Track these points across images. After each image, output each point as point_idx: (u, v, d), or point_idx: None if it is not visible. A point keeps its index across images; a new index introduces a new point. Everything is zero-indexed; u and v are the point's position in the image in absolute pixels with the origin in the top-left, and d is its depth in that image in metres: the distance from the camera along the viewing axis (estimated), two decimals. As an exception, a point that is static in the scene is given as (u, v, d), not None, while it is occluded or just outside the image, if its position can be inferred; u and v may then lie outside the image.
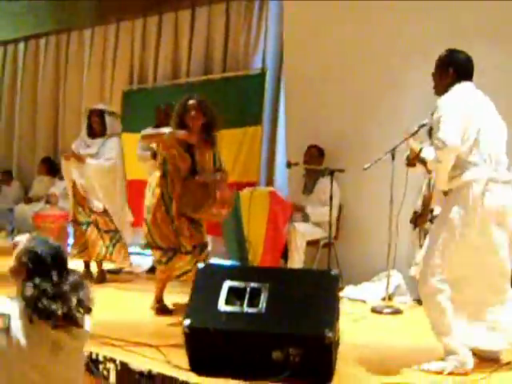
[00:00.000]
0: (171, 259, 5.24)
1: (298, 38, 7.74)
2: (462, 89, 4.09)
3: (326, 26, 7.38)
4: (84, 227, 6.92)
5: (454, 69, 4.11)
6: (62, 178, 10.25)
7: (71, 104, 11.01)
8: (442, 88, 4.13)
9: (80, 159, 6.88)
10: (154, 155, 7.39)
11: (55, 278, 2.66)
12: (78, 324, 2.70)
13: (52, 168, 10.77)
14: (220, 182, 5.35)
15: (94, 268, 7.12)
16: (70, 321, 2.68)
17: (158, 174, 5.39)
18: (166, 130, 5.30)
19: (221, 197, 5.24)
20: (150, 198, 5.34)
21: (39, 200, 10.27)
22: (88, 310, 2.79)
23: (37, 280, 2.68)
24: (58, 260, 2.73)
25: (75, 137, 9.98)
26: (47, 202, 9.76)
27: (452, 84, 4.09)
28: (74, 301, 2.68)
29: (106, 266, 7.21)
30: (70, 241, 8.79)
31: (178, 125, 5.26)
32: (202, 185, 5.24)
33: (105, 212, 6.89)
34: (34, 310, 2.64)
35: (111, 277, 7.30)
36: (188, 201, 5.18)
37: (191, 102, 5.29)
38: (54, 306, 2.62)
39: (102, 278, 7.07)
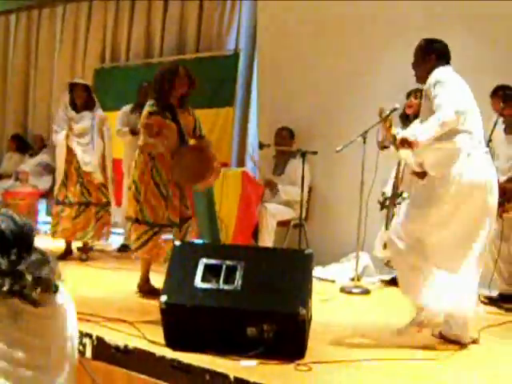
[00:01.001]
0: (156, 234, 5.24)
1: (271, 19, 7.79)
2: (447, 69, 4.22)
3: (300, 8, 7.43)
4: (69, 208, 6.93)
5: (435, 55, 4.27)
6: (32, 155, 10.25)
7: (42, 81, 10.94)
8: (424, 74, 4.25)
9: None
10: (132, 132, 7.44)
11: (13, 256, 2.50)
12: (34, 303, 2.55)
13: (22, 145, 10.70)
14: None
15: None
16: (20, 299, 2.53)
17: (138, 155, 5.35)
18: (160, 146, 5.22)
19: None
20: (136, 173, 5.31)
21: (9, 177, 10.20)
22: (48, 288, 2.61)
23: None
24: (21, 238, 2.57)
25: (45, 114, 10.01)
26: (17, 179, 9.73)
27: (434, 68, 4.21)
28: (29, 279, 2.51)
29: (78, 244, 7.23)
30: (41, 218, 8.84)
31: (159, 89, 5.25)
32: (198, 153, 5.24)
33: (103, 185, 6.99)
34: None
35: (80, 254, 7.33)
36: (186, 170, 5.14)
37: (182, 69, 5.34)
38: (6, 285, 2.46)
39: (85, 256, 7.14)
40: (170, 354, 3.65)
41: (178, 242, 4.09)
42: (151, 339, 3.86)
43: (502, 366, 3.90)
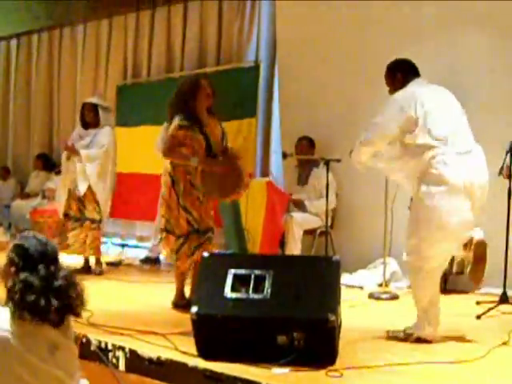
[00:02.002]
0: (183, 245, 5.29)
1: (290, 29, 7.83)
2: (408, 86, 4.54)
3: (318, 18, 7.47)
4: (72, 222, 7.05)
5: (401, 74, 4.65)
6: (58, 173, 10.35)
7: (65, 100, 11.06)
8: (394, 90, 4.64)
9: (74, 152, 7.01)
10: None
11: (42, 272, 2.51)
12: (79, 315, 2.66)
13: (48, 163, 10.83)
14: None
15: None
16: (68, 314, 2.61)
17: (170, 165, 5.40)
18: (193, 160, 5.23)
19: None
20: (174, 189, 5.35)
21: (36, 195, 10.34)
22: (75, 310, 2.68)
23: (23, 275, 2.52)
24: (47, 255, 2.59)
25: (70, 132, 10.12)
26: (44, 197, 9.86)
27: (403, 85, 4.58)
28: (73, 294, 2.62)
29: (106, 258, 7.33)
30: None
31: (184, 104, 5.29)
32: (228, 166, 5.26)
33: (94, 199, 7.04)
34: (22, 306, 2.48)
35: (110, 269, 7.42)
36: (217, 183, 5.18)
37: (204, 80, 5.39)
38: (42, 301, 2.48)
39: (99, 270, 7.21)
40: (202, 364, 3.69)
41: (206, 254, 4.14)
42: (183, 350, 3.91)
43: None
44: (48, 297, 2.50)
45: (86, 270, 7.16)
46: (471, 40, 6.46)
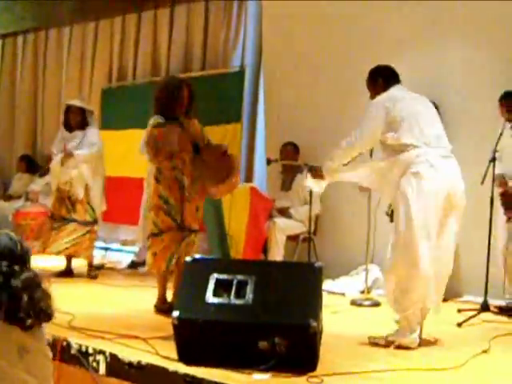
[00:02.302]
0: (163, 239, 5.23)
1: (276, 35, 7.85)
2: (387, 93, 4.66)
3: (304, 24, 7.50)
4: (59, 224, 7.02)
5: (382, 79, 4.78)
6: (41, 175, 10.30)
7: (50, 101, 11.02)
8: (376, 95, 4.75)
9: (70, 155, 6.98)
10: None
11: (4, 269, 2.45)
12: (25, 325, 2.46)
13: (31, 165, 10.78)
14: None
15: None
16: (13, 318, 2.46)
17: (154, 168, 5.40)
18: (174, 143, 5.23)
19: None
20: (159, 188, 5.32)
21: (19, 197, 10.27)
22: (38, 315, 2.51)
23: None
24: (14, 253, 2.53)
25: (54, 134, 10.08)
26: (27, 199, 9.79)
27: (384, 90, 4.70)
28: (25, 298, 2.45)
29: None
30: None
31: (165, 105, 5.31)
32: (217, 156, 5.27)
33: (87, 201, 7.01)
34: None
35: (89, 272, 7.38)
36: (210, 173, 5.18)
37: (183, 82, 5.46)
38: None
39: (94, 273, 7.19)
40: (183, 369, 3.68)
41: (189, 258, 4.13)
42: (164, 355, 3.90)
43: (513, 375, 3.93)
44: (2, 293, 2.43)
45: (68, 272, 7.14)
46: (452, 50, 6.53)
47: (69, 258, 7.19)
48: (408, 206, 4.32)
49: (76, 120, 7.12)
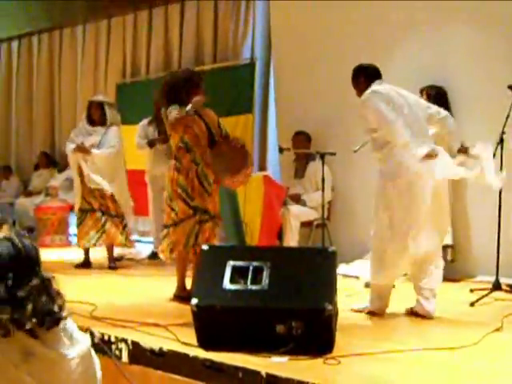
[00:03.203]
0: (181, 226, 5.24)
1: (285, 26, 7.81)
2: (372, 87, 4.88)
3: (313, 14, 7.45)
4: (91, 214, 7.04)
5: (363, 77, 5.01)
6: (60, 171, 10.36)
7: (66, 99, 11.06)
8: (360, 93, 4.98)
9: (86, 151, 7.00)
10: (150, 144, 7.55)
11: (10, 281, 2.25)
12: (33, 335, 2.29)
13: (50, 161, 10.85)
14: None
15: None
16: (21, 329, 2.27)
17: (173, 160, 5.37)
18: (187, 108, 5.18)
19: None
20: (179, 177, 5.30)
21: (39, 193, 10.34)
22: (42, 321, 2.31)
23: None
24: (19, 261, 2.32)
25: (71, 131, 10.14)
26: (47, 194, 9.84)
27: (367, 86, 4.91)
28: (29, 308, 2.27)
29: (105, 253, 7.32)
30: (72, 230, 8.92)
31: (179, 98, 5.25)
32: (233, 147, 5.30)
33: (112, 197, 7.02)
34: None
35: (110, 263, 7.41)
36: (226, 164, 5.20)
37: (195, 74, 5.45)
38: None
39: (114, 264, 7.23)
40: (202, 354, 3.69)
41: (205, 246, 4.14)
42: (184, 341, 3.91)
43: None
44: (5, 308, 2.23)
45: (86, 264, 7.17)
46: (458, 33, 6.47)
47: (87, 250, 7.21)
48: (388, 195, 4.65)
49: (97, 115, 7.16)
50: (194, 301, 3.79)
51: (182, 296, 5.34)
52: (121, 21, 10.28)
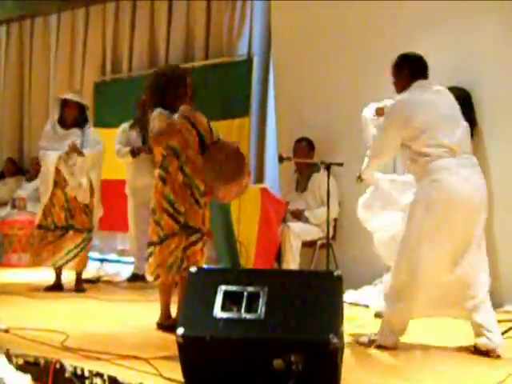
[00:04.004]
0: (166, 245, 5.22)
1: (287, 19, 7.84)
2: (412, 90, 4.79)
3: (317, 7, 7.48)
4: (51, 232, 7.06)
5: (408, 70, 4.87)
6: (29, 180, 10.34)
7: (37, 98, 11.08)
8: (401, 89, 4.89)
9: (79, 152, 7.03)
10: (134, 153, 7.56)
11: None
12: None
13: (17, 169, 10.84)
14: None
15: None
16: None
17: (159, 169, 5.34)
18: (176, 120, 5.17)
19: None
20: (165, 189, 5.26)
21: (5, 204, 10.31)
22: None
23: None
24: None
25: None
26: (13, 206, 9.82)
27: (409, 84, 4.82)
28: None
29: (84, 274, 7.32)
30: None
31: (162, 96, 5.26)
32: (225, 149, 5.27)
33: (87, 206, 7.04)
34: None
35: (88, 287, 7.40)
36: (217, 171, 5.16)
37: (183, 70, 5.44)
38: None
39: (82, 287, 7.22)
40: (189, 392, 3.68)
41: (193, 269, 4.13)
42: (168, 376, 3.89)
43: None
44: None
45: (58, 286, 7.17)
46: (483, 30, 6.50)
47: (59, 271, 7.21)
48: (422, 215, 4.52)
49: (73, 116, 7.15)
50: (180, 330, 3.78)
51: (166, 325, 5.31)
52: (100, 9, 10.33)
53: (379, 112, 5.41)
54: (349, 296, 6.49)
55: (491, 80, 6.43)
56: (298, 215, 7.22)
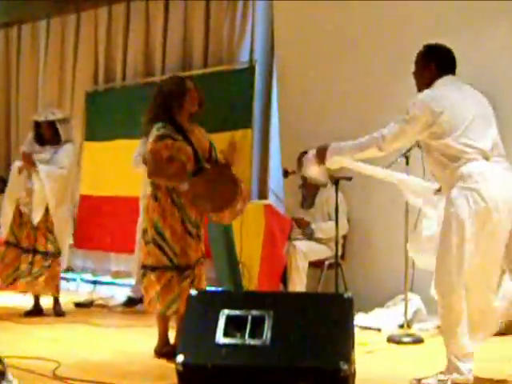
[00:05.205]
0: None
1: (290, 24, 7.85)
2: (435, 91, 4.57)
3: (324, 12, 7.49)
4: (18, 251, 7.10)
5: (435, 64, 4.66)
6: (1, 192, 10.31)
7: (25, 109, 11.02)
8: (424, 84, 4.67)
9: (30, 163, 7.06)
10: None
11: None
12: None
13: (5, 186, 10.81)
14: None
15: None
16: None
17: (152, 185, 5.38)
18: (183, 185, 5.19)
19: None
20: (154, 212, 5.30)
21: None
22: None
23: None
24: None
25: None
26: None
27: (434, 79, 4.62)
28: None
29: (75, 298, 7.32)
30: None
31: (164, 110, 5.31)
32: (221, 176, 5.29)
33: (47, 229, 7.06)
34: None
35: (80, 311, 7.40)
36: (211, 197, 5.19)
37: (190, 82, 5.44)
38: None
39: (61, 309, 7.25)
40: (190, 423, 3.69)
41: (194, 292, 4.14)
42: (167, 407, 3.92)
43: None
44: None
45: (38, 311, 7.18)
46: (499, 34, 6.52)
47: (36, 295, 7.23)
48: (463, 228, 4.32)
49: (48, 135, 7.23)
50: (180, 358, 3.78)
51: (164, 352, 5.33)
52: (92, 15, 10.33)
53: None
54: (359, 319, 6.48)
55: (509, 86, 6.44)
56: (304, 226, 7.20)
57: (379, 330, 6.41)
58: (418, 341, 6.01)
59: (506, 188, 4.40)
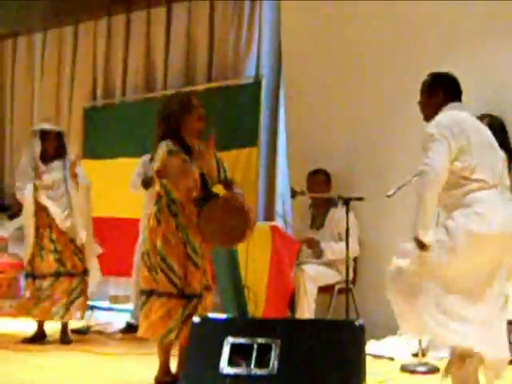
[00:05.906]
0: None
1: (299, 37, 7.86)
2: (448, 114, 4.62)
3: (332, 25, 7.51)
4: (42, 280, 7.06)
5: (442, 91, 4.76)
6: (11, 217, 10.35)
7: (20, 126, 11.08)
8: (432, 112, 4.72)
9: (75, 175, 7.11)
10: (146, 184, 7.57)
11: None
12: None
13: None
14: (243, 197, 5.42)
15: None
16: None
17: (155, 206, 5.39)
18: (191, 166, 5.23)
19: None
20: (157, 236, 5.30)
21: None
22: None
23: None
24: None
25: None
26: (-7, 247, 9.85)
27: (442, 105, 4.70)
28: None
29: (72, 324, 7.32)
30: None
31: (169, 128, 5.33)
32: (229, 205, 5.29)
33: (80, 249, 7.12)
34: None
35: (76, 338, 7.39)
36: (221, 230, 5.20)
37: (195, 100, 5.45)
38: None
39: (68, 337, 7.21)
40: None
41: (197, 319, 4.14)
42: None
43: None
44: None
45: (41, 337, 7.16)
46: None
47: (41, 321, 7.21)
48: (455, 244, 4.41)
49: (53, 147, 7.19)
50: (183, 389, 3.79)
51: (165, 382, 5.32)
52: (91, 27, 10.37)
53: None
54: (371, 347, 6.46)
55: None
56: (313, 245, 7.19)
57: (392, 358, 6.39)
58: (433, 370, 5.97)
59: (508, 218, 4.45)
